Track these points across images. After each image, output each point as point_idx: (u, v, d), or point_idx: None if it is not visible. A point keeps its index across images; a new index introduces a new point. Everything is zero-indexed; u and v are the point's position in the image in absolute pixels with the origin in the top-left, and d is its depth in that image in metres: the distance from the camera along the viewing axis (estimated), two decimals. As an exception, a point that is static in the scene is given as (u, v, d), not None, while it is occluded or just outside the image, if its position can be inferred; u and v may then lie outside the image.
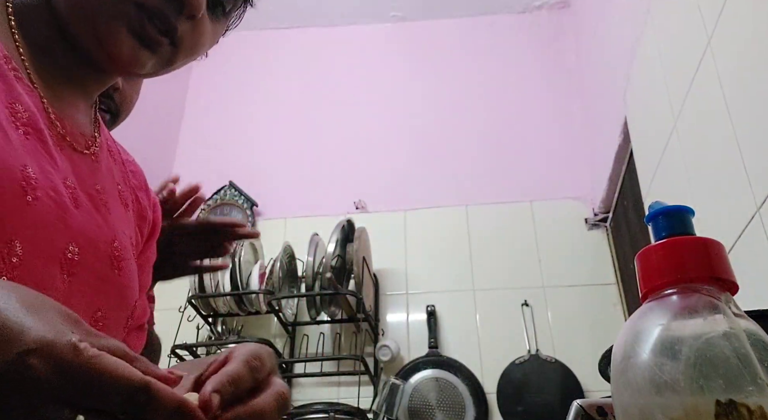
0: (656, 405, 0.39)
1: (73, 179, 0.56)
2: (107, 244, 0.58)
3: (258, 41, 3.30)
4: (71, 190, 0.54)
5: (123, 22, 0.56)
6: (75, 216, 0.53)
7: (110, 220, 0.60)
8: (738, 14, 1.23)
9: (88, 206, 0.57)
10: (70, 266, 0.52)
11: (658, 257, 0.45)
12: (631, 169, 2.14)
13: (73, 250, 0.52)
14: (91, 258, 0.55)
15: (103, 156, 0.64)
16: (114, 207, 0.62)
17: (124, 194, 0.66)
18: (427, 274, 2.67)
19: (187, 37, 0.60)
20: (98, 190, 0.60)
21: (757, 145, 1.16)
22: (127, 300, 0.61)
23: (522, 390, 2.36)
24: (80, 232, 0.54)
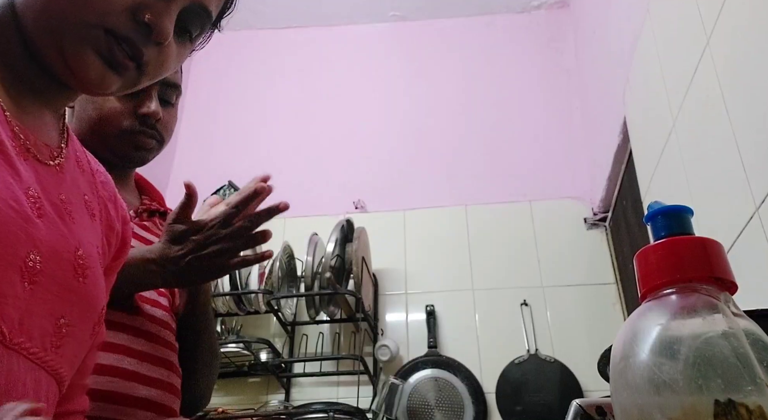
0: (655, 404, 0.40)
1: (38, 189, 0.56)
2: (71, 253, 0.58)
3: (257, 41, 3.30)
4: (34, 199, 0.55)
5: (91, 46, 0.57)
6: (37, 225, 0.54)
7: (74, 229, 0.60)
8: (737, 14, 1.23)
9: (52, 216, 0.57)
10: (32, 274, 0.52)
11: (657, 257, 0.45)
12: (630, 168, 2.14)
13: (34, 258, 0.53)
14: (54, 266, 0.55)
15: (69, 167, 0.64)
16: (78, 217, 0.62)
17: (90, 204, 0.67)
18: (426, 274, 2.67)
19: (153, 61, 0.62)
20: (62, 200, 0.60)
21: (756, 145, 1.16)
22: (93, 308, 0.61)
23: (521, 390, 2.36)
24: (42, 241, 0.54)
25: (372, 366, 2.43)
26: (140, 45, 0.59)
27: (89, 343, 0.63)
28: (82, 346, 0.61)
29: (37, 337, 0.53)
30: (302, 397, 2.44)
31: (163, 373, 0.97)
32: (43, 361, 0.54)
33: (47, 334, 0.54)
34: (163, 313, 1.03)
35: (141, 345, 0.95)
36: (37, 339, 0.53)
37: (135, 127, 1.03)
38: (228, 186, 2.88)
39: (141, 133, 1.04)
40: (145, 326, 0.97)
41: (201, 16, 0.65)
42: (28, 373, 0.52)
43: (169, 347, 1.01)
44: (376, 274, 2.66)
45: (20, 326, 0.51)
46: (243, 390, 2.49)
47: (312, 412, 2.17)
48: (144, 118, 1.04)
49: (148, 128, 1.04)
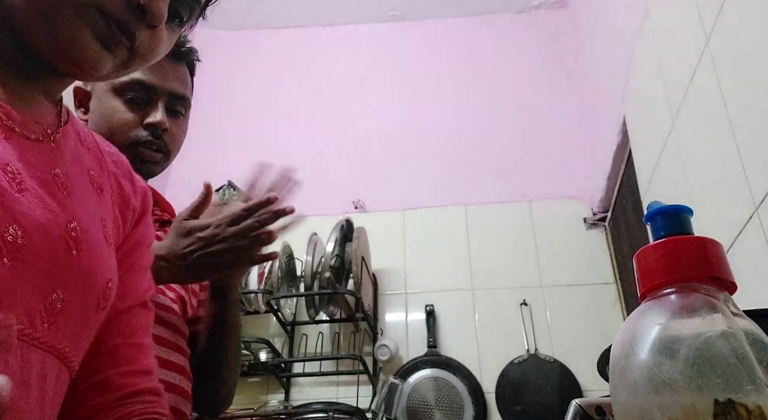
0: (655, 404, 0.40)
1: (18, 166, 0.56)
2: (60, 227, 0.57)
3: (257, 40, 3.30)
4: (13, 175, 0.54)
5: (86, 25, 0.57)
6: (17, 199, 0.53)
7: (69, 203, 0.60)
8: (736, 14, 1.23)
9: (37, 190, 0.56)
10: (13, 250, 0.51)
11: (656, 257, 0.45)
12: (630, 168, 2.14)
13: (14, 233, 0.52)
14: (40, 241, 0.54)
15: (69, 143, 0.64)
16: (78, 191, 0.62)
17: (97, 179, 0.66)
18: (425, 274, 2.68)
19: (144, 45, 0.61)
20: (55, 175, 0.60)
21: (756, 145, 1.16)
22: (92, 281, 0.61)
23: (520, 389, 2.37)
24: (24, 215, 0.53)
25: (371, 366, 2.43)
26: (132, 27, 0.59)
27: (96, 318, 0.62)
28: (84, 322, 0.60)
29: (22, 313, 0.52)
30: (302, 397, 2.44)
31: (176, 377, 0.98)
32: (32, 338, 0.53)
33: (35, 310, 0.53)
34: (176, 319, 1.05)
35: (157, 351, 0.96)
36: (23, 315, 0.52)
37: (142, 138, 1.05)
38: (228, 186, 2.88)
39: (148, 144, 1.06)
40: (161, 332, 0.98)
41: (191, 2, 0.66)
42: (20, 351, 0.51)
43: (182, 353, 1.03)
44: (376, 274, 2.66)
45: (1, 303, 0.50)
46: (242, 390, 2.49)
47: (311, 411, 2.17)
48: (151, 129, 1.06)
49: (154, 139, 1.06)
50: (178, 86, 1.11)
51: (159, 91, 1.08)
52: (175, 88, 1.10)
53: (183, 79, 1.13)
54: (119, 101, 1.05)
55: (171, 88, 1.09)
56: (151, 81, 1.07)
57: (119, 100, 1.05)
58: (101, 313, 0.63)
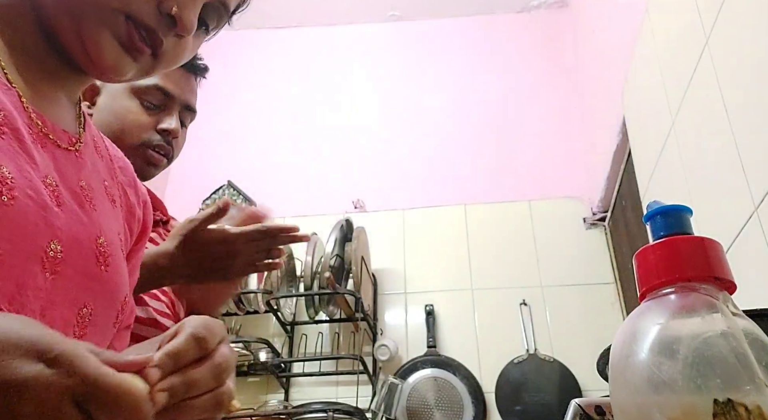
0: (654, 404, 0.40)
1: (56, 177, 0.56)
2: (92, 241, 0.58)
3: (256, 40, 3.30)
4: (52, 188, 0.54)
5: (109, 29, 0.57)
6: (56, 214, 0.53)
7: (95, 216, 0.60)
8: (736, 14, 1.23)
9: (71, 204, 0.56)
10: (53, 264, 0.52)
11: (656, 256, 0.45)
12: (630, 168, 2.14)
13: (55, 248, 0.52)
14: (75, 255, 0.55)
15: (88, 152, 0.64)
16: (99, 203, 0.62)
17: (110, 190, 0.66)
18: (425, 274, 2.67)
19: (170, 52, 0.62)
20: (82, 187, 0.60)
21: (755, 145, 1.16)
22: (115, 296, 0.61)
23: (520, 389, 2.37)
24: (62, 230, 0.54)
25: (371, 366, 2.43)
26: (161, 35, 0.59)
27: (113, 331, 0.63)
28: (105, 335, 0.61)
29: (59, 327, 0.53)
30: (301, 397, 2.44)
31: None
32: None
33: (69, 324, 0.54)
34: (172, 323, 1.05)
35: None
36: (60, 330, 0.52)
37: (153, 141, 1.08)
38: (227, 186, 2.88)
39: (157, 148, 1.09)
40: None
41: (220, 11, 0.67)
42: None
43: None
44: (376, 274, 2.66)
45: (42, 318, 0.51)
46: (242, 390, 2.49)
47: (311, 411, 2.17)
48: (163, 133, 1.09)
49: (165, 144, 1.10)
50: (192, 99, 1.17)
51: (177, 101, 1.12)
52: (190, 101, 1.16)
53: (195, 93, 1.19)
54: (136, 102, 1.08)
55: (187, 100, 1.15)
56: (173, 91, 1.11)
57: (136, 102, 1.08)
58: (116, 327, 0.63)
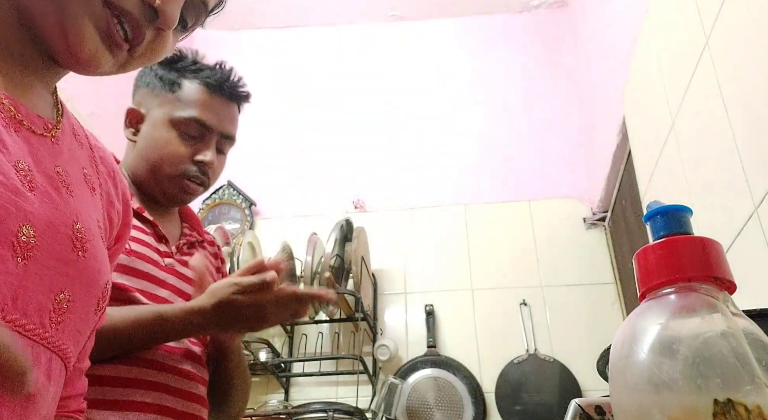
0: (654, 404, 0.40)
1: (30, 161, 0.55)
2: (67, 226, 0.57)
3: (256, 40, 3.30)
4: (24, 173, 0.53)
5: (92, 21, 0.56)
6: (28, 199, 0.52)
7: (72, 202, 0.59)
8: (736, 14, 1.23)
9: (46, 188, 0.56)
10: (25, 249, 0.51)
11: (656, 256, 0.45)
12: (630, 168, 2.14)
13: (27, 232, 0.51)
14: (50, 240, 0.54)
15: (66, 139, 0.63)
16: (77, 189, 0.61)
17: (90, 178, 0.66)
18: (425, 274, 2.68)
19: (148, 45, 0.61)
20: (59, 173, 0.59)
21: (755, 145, 1.16)
22: (95, 282, 0.60)
23: (520, 389, 2.37)
24: (35, 215, 0.53)
25: (371, 366, 2.43)
26: (143, 26, 0.59)
27: (94, 319, 0.62)
28: (85, 323, 0.60)
29: (33, 313, 0.52)
30: (301, 397, 2.44)
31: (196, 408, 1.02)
32: (42, 338, 0.53)
33: (45, 309, 0.53)
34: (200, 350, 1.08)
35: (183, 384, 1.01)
36: (34, 315, 0.52)
37: (189, 172, 1.12)
38: (227, 186, 2.88)
39: (194, 179, 1.13)
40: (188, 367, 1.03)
41: (199, 9, 0.66)
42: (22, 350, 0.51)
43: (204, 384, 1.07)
44: (376, 274, 2.66)
45: (14, 303, 0.50)
46: (242, 390, 2.49)
47: (311, 411, 2.18)
48: (199, 164, 1.13)
49: (201, 174, 1.13)
50: (231, 128, 1.19)
51: (214, 132, 1.15)
52: (228, 130, 1.18)
53: (235, 120, 1.21)
54: (174, 133, 1.12)
55: (225, 130, 1.17)
56: (210, 122, 1.14)
57: (175, 133, 1.12)
58: (98, 314, 0.63)
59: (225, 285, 0.97)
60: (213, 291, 0.97)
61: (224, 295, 0.96)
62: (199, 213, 2.81)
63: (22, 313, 0.51)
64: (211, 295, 0.96)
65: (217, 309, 0.95)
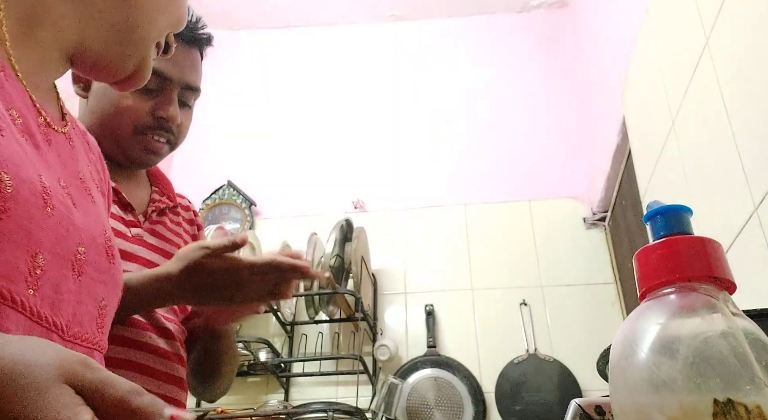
0: (654, 404, 0.40)
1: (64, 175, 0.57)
2: (102, 236, 0.59)
3: (256, 40, 3.30)
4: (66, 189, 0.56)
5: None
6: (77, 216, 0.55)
7: (96, 210, 0.61)
8: (736, 14, 1.23)
9: (81, 201, 0.58)
10: (80, 265, 0.54)
11: (656, 256, 0.45)
12: (630, 168, 2.14)
13: (80, 250, 0.54)
14: (93, 254, 0.57)
15: (75, 134, 0.65)
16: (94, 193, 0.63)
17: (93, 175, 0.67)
18: (425, 274, 2.67)
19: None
20: (82, 180, 0.61)
21: (755, 145, 1.16)
22: (120, 286, 0.64)
23: (520, 389, 2.37)
24: (83, 231, 0.55)
25: (371, 366, 2.43)
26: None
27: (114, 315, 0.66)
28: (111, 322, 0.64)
29: (86, 322, 0.56)
30: (301, 397, 2.44)
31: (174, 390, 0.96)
32: (94, 344, 0.57)
33: (93, 317, 0.57)
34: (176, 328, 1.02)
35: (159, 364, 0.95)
36: (87, 324, 0.56)
37: (149, 125, 1.01)
38: (227, 186, 2.88)
39: (156, 135, 1.02)
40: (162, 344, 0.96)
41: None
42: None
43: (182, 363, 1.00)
44: (376, 274, 2.66)
45: (74, 317, 0.53)
46: (242, 390, 2.49)
47: (311, 411, 2.17)
48: (161, 120, 1.02)
49: (163, 130, 1.03)
50: (193, 77, 1.06)
51: (174, 82, 1.03)
52: (190, 80, 1.06)
53: (197, 69, 1.08)
54: None
55: (186, 79, 1.05)
56: (168, 72, 1.01)
57: None
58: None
59: (193, 248, 0.89)
60: (180, 255, 0.89)
61: (193, 259, 0.88)
62: (199, 213, 2.81)
63: (80, 325, 0.54)
64: (179, 259, 0.89)
65: (186, 273, 0.87)
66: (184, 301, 0.95)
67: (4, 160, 0.46)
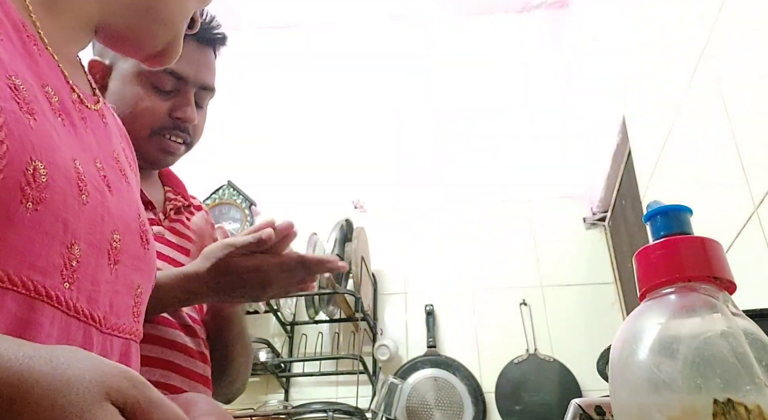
0: (654, 404, 0.40)
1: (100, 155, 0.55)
2: (136, 221, 0.58)
3: (256, 40, 3.30)
4: (102, 172, 0.54)
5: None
6: (112, 201, 0.53)
7: (131, 192, 0.59)
8: (736, 14, 1.23)
9: (116, 184, 0.56)
10: (115, 254, 0.53)
11: (656, 256, 0.45)
12: (630, 168, 2.14)
13: (116, 238, 0.53)
14: (129, 241, 0.55)
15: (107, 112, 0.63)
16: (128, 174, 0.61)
17: (126, 152, 0.66)
18: (425, 274, 2.67)
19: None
20: (117, 160, 0.59)
21: (755, 145, 1.16)
22: (154, 271, 0.62)
23: (520, 389, 2.37)
24: (118, 217, 0.54)
25: (371, 366, 2.43)
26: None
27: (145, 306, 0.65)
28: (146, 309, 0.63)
29: (123, 312, 0.54)
30: (301, 397, 2.44)
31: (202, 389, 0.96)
32: (130, 333, 0.55)
33: (129, 306, 0.55)
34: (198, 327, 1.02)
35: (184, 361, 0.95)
36: (123, 314, 0.54)
37: (167, 126, 1.01)
38: (227, 186, 2.88)
39: (171, 134, 1.02)
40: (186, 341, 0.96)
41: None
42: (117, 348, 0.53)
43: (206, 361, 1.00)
44: (376, 274, 2.66)
45: (111, 309, 0.52)
46: (242, 390, 2.49)
47: (311, 411, 2.17)
48: (178, 121, 1.02)
49: (180, 131, 1.03)
50: (209, 78, 1.06)
51: (190, 83, 1.03)
52: (206, 81, 1.05)
53: (212, 69, 1.07)
54: (147, 88, 1.00)
55: (202, 80, 1.04)
56: (185, 73, 1.01)
57: (147, 87, 1.00)
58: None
59: (219, 247, 0.88)
60: (207, 254, 0.89)
61: (219, 258, 0.87)
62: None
63: (116, 315, 0.53)
64: (205, 258, 0.88)
65: (214, 272, 0.87)
66: (211, 299, 0.95)
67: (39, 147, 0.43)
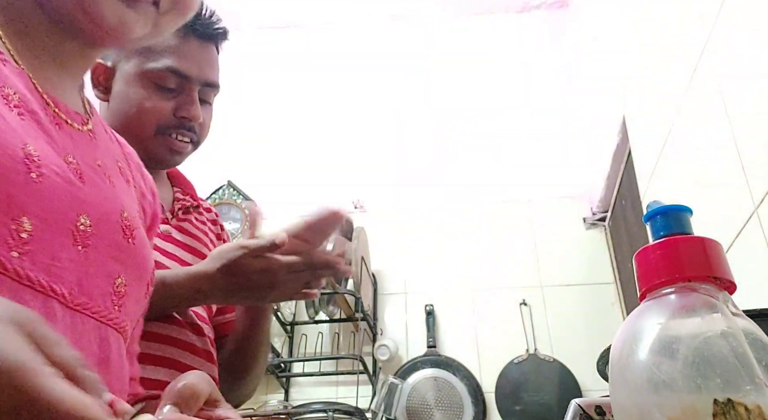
0: (654, 404, 0.40)
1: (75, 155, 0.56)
2: (117, 214, 0.59)
3: (256, 40, 3.30)
4: (74, 166, 0.55)
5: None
6: (82, 189, 0.54)
7: (115, 191, 0.61)
8: (736, 14, 1.23)
9: (94, 180, 0.57)
10: (84, 238, 0.53)
11: (656, 256, 0.45)
12: (630, 168, 2.14)
13: (84, 221, 0.53)
14: (104, 229, 0.56)
15: (100, 133, 0.65)
16: (117, 181, 0.63)
17: (125, 171, 0.67)
18: (425, 274, 2.68)
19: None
20: (99, 165, 0.60)
21: (755, 145, 1.16)
22: (144, 268, 0.62)
23: (520, 389, 2.37)
24: (90, 204, 0.55)
25: (371, 366, 2.43)
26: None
27: (143, 304, 0.64)
28: (138, 305, 0.62)
29: (97, 296, 0.54)
30: (301, 397, 2.44)
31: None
32: (109, 319, 0.55)
33: (107, 293, 0.55)
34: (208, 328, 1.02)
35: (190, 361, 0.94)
36: (98, 299, 0.54)
37: (172, 125, 1.00)
38: (227, 186, 2.88)
39: (179, 135, 1.01)
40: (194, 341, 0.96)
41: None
42: (93, 331, 0.53)
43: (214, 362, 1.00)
44: (376, 274, 2.66)
45: (80, 288, 0.52)
46: (242, 390, 2.49)
47: (311, 411, 2.17)
48: (184, 120, 1.01)
49: (186, 130, 1.02)
50: (212, 74, 1.04)
51: (194, 81, 1.01)
52: (209, 77, 1.04)
53: (215, 65, 1.06)
54: (150, 87, 0.99)
55: (205, 77, 1.03)
56: (188, 71, 1.00)
57: (150, 87, 0.99)
58: (146, 299, 0.65)
59: (232, 248, 0.89)
60: (218, 254, 0.89)
61: (231, 258, 0.88)
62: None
63: (88, 296, 0.53)
64: (216, 258, 0.89)
65: (223, 273, 0.87)
66: (218, 300, 0.95)
67: None
